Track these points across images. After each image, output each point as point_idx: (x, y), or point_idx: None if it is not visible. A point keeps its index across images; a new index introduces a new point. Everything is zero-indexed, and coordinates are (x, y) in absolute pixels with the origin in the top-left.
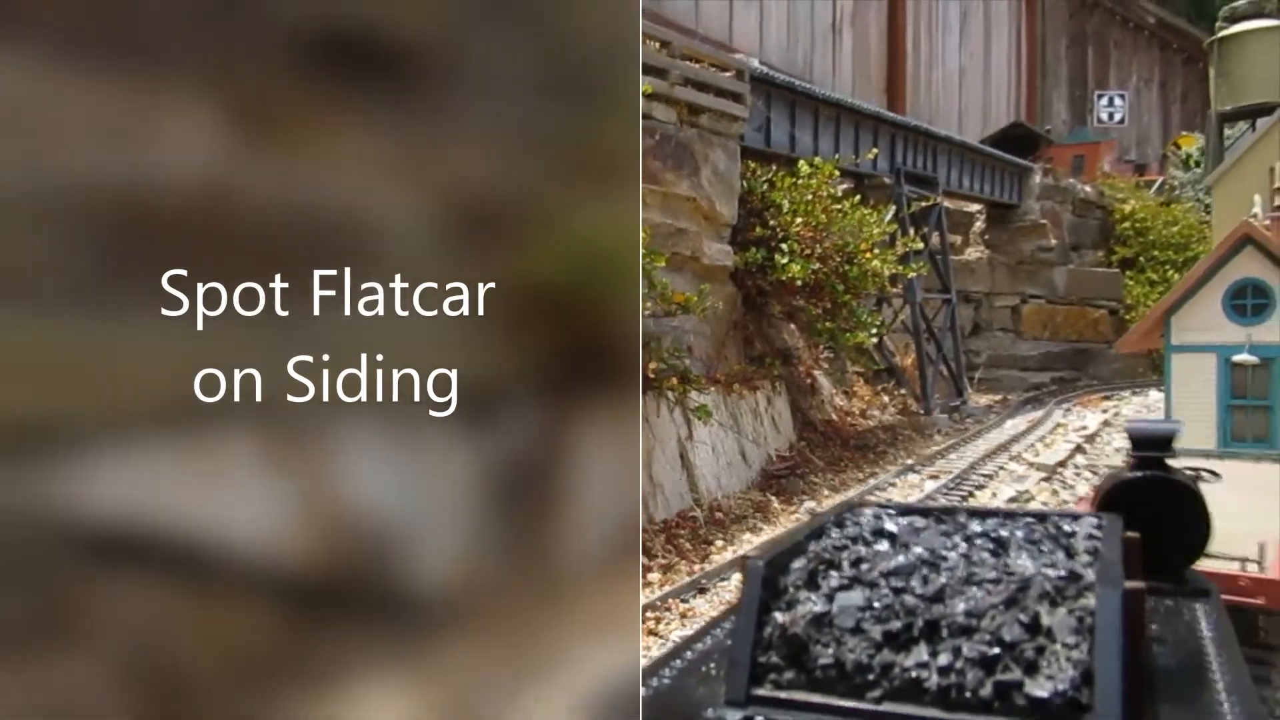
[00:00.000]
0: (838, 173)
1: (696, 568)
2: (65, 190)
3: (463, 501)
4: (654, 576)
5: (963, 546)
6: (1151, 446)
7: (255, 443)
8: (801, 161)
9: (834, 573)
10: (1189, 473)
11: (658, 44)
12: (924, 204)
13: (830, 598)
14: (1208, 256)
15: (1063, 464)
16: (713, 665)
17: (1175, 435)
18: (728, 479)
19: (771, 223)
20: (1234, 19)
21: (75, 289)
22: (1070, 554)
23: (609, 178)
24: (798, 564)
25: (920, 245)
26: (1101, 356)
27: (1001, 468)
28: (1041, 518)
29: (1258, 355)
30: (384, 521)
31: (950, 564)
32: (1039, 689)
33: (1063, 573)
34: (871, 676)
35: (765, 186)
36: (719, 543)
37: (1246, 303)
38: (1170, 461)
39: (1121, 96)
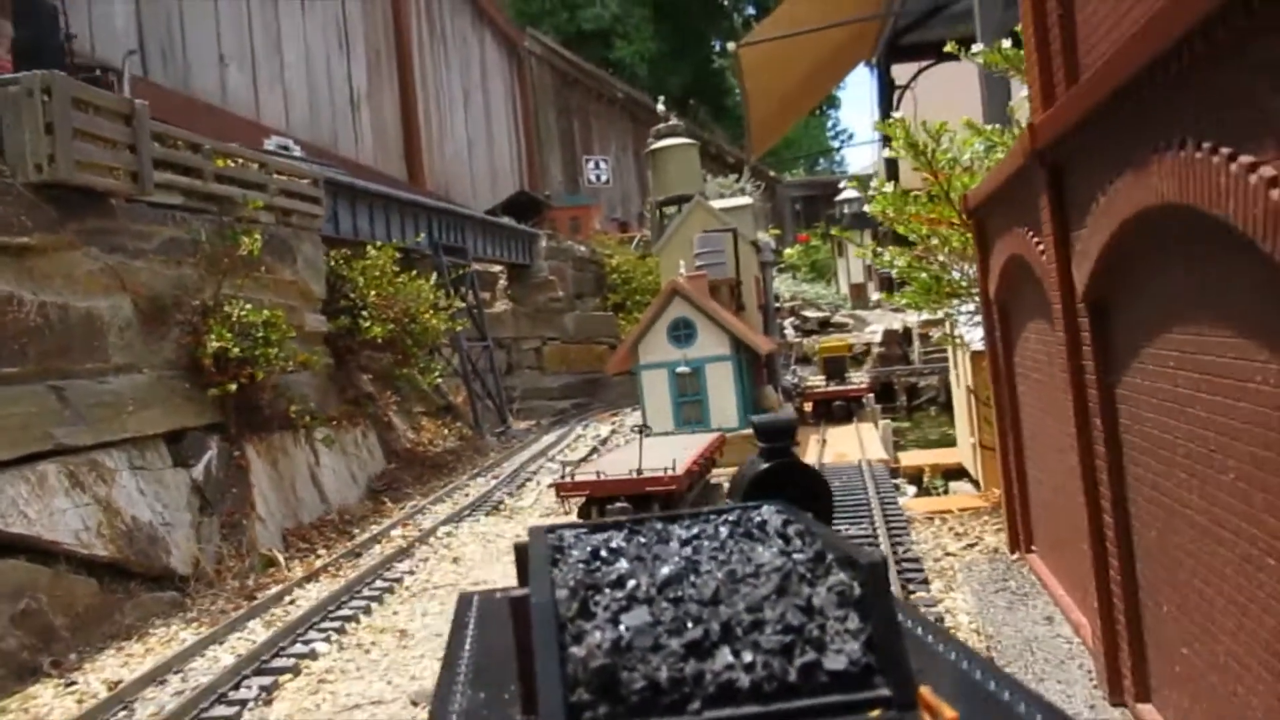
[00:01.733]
0: (397, 253)
1: (346, 545)
2: None
3: (185, 503)
4: (321, 552)
5: (692, 549)
6: (778, 437)
7: (64, 476)
8: (369, 245)
9: (602, 597)
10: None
11: (257, 165)
12: (460, 270)
13: (615, 622)
14: (654, 303)
15: (585, 459)
16: (485, 714)
17: (797, 425)
18: (346, 492)
19: (352, 295)
20: (659, 136)
21: None
22: (786, 540)
23: (249, 273)
24: (561, 595)
25: (462, 304)
26: (606, 383)
27: (541, 466)
28: (723, 512)
29: (690, 366)
30: (144, 523)
31: (705, 566)
32: (835, 663)
33: (809, 556)
34: (687, 689)
35: (344, 266)
36: (353, 530)
37: (680, 333)
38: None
39: (605, 160)
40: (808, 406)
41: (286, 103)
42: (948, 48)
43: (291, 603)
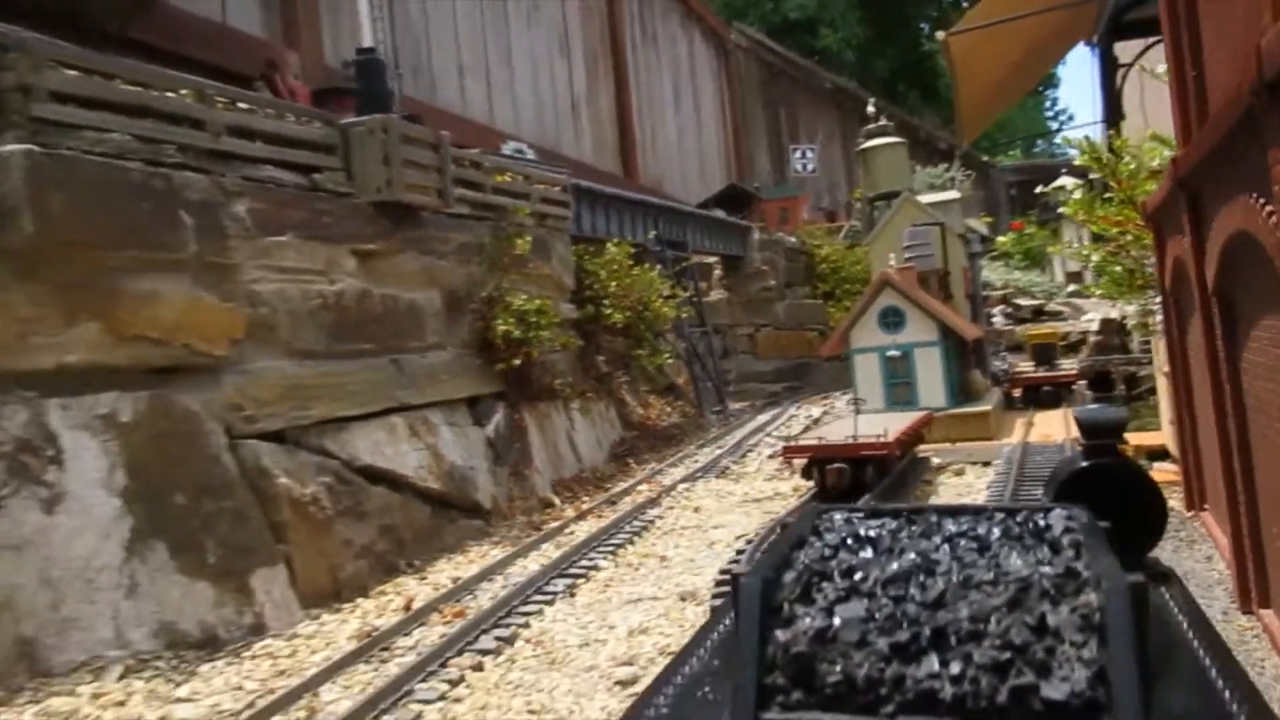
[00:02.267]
0: (631, 248)
1: (603, 495)
2: (314, 302)
3: (483, 453)
4: (584, 499)
5: (947, 548)
6: (1103, 434)
7: (406, 427)
8: (609, 243)
9: (827, 584)
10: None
11: (523, 177)
12: (681, 262)
13: (829, 611)
14: (866, 293)
15: (804, 431)
16: (708, 690)
17: (1125, 423)
18: (594, 455)
19: (595, 286)
20: (869, 136)
21: (327, 349)
22: (1055, 549)
23: (520, 269)
24: (788, 577)
25: (684, 293)
26: (817, 367)
27: (760, 440)
28: (1012, 512)
29: (899, 351)
30: (458, 466)
31: (944, 568)
32: (1055, 691)
33: (1059, 570)
34: (884, 691)
35: (587, 261)
36: (606, 484)
37: (890, 320)
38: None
39: (812, 149)
40: (1016, 392)
41: (516, 109)
42: None
43: (570, 534)
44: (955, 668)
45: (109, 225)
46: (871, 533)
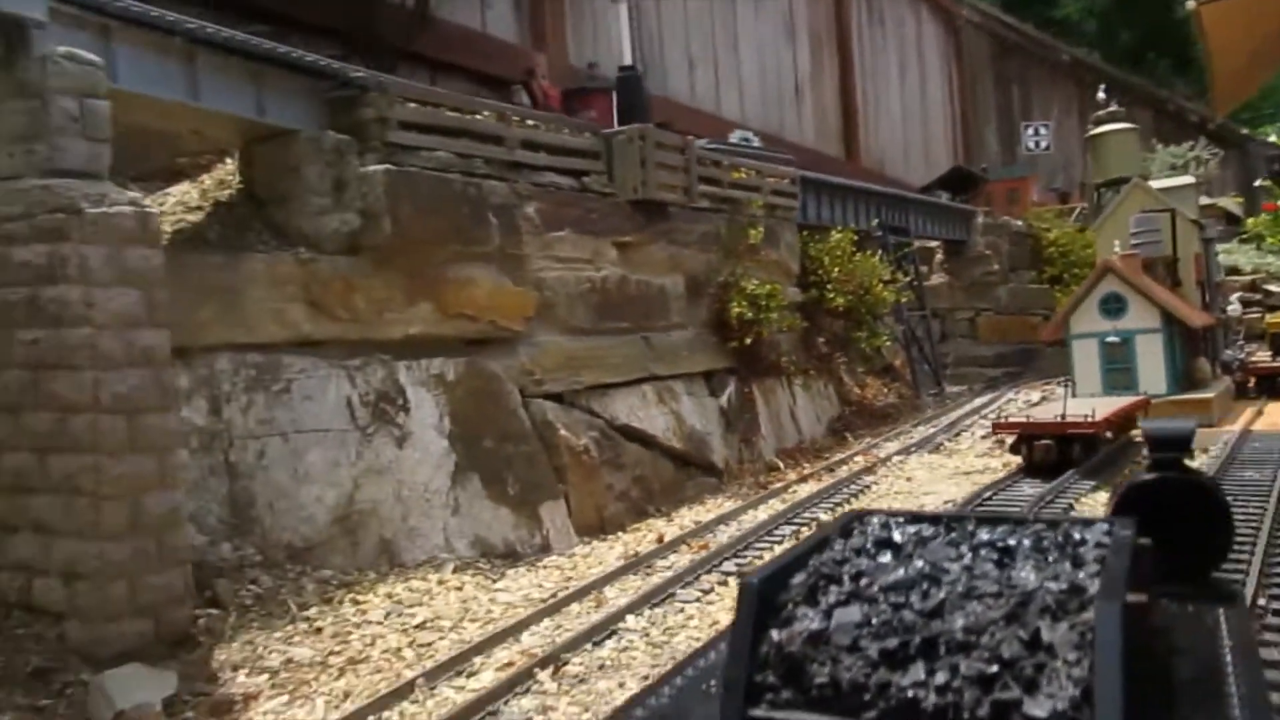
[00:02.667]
0: (854, 235)
1: (822, 463)
2: (584, 286)
3: (716, 421)
4: (805, 465)
5: (967, 558)
6: (1169, 447)
7: (653, 394)
8: (833, 230)
9: (834, 587)
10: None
11: (755, 171)
12: (904, 247)
13: (828, 614)
14: (1088, 279)
15: (1009, 416)
16: (713, 684)
17: (1193, 435)
18: (813, 428)
19: (819, 271)
20: (1099, 122)
21: (593, 326)
22: (1077, 564)
23: (752, 257)
24: (798, 579)
25: (904, 277)
26: (1041, 354)
27: (974, 421)
28: (1053, 525)
29: (1119, 337)
30: (697, 430)
31: (951, 577)
32: (1037, 708)
33: (1064, 585)
34: (868, 696)
35: (811, 247)
36: (825, 454)
37: (1111, 307)
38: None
39: (1046, 126)
40: (1251, 381)
41: (741, 95)
42: None
43: (793, 492)
44: (941, 678)
45: (439, 225)
46: (898, 538)
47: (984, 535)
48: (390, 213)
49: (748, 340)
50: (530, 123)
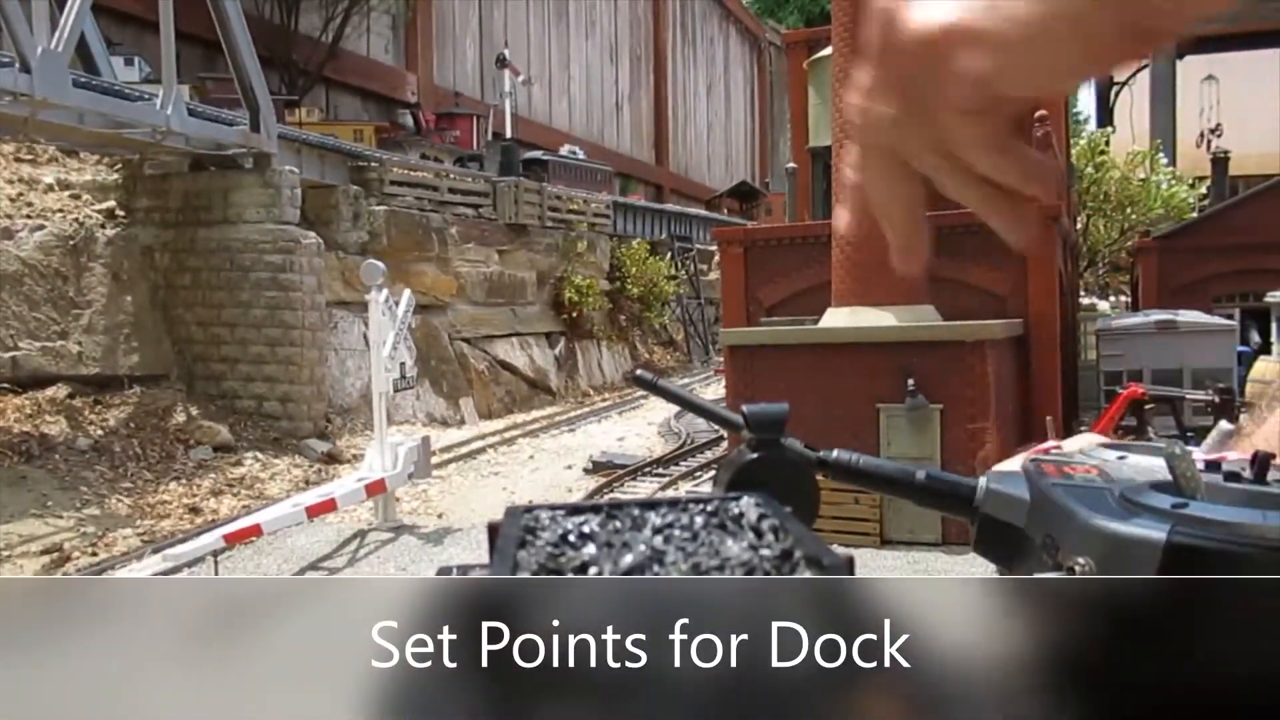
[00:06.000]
0: (648, 244)
1: (614, 395)
2: (482, 277)
3: (553, 363)
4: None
5: (663, 539)
6: (767, 428)
7: (518, 343)
8: (634, 240)
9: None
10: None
11: (583, 200)
12: (687, 252)
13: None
14: None
15: None
16: None
17: (786, 416)
18: (613, 375)
19: (623, 269)
20: None
21: (486, 301)
22: (759, 534)
23: (579, 259)
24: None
25: (685, 274)
26: None
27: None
28: (705, 502)
29: None
30: (541, 367)
31: (671, 558)
32: None
33: (776, 552)
34: None
35: (617, 251)
36: (618, 391)
37: None
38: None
39: None
40: None
41: (570, 109)
42: None
43: (594, 406)
44: None
45: (409, 240)
46: (586, 528)
47: (656, 519)
48: (385, 232)
49: (574, 315)
50: (452, 176)
